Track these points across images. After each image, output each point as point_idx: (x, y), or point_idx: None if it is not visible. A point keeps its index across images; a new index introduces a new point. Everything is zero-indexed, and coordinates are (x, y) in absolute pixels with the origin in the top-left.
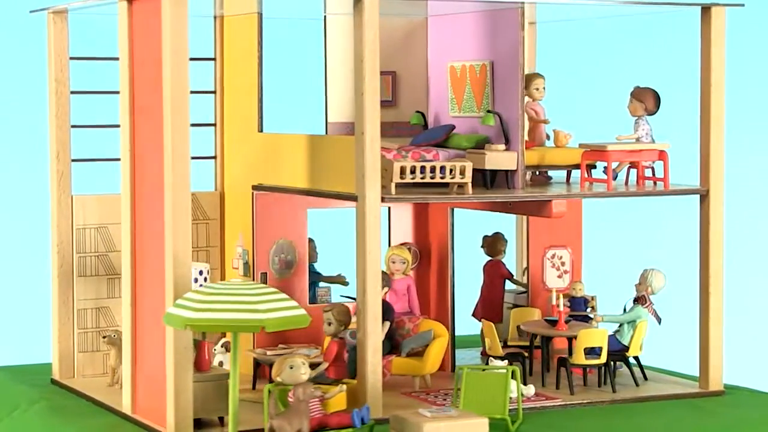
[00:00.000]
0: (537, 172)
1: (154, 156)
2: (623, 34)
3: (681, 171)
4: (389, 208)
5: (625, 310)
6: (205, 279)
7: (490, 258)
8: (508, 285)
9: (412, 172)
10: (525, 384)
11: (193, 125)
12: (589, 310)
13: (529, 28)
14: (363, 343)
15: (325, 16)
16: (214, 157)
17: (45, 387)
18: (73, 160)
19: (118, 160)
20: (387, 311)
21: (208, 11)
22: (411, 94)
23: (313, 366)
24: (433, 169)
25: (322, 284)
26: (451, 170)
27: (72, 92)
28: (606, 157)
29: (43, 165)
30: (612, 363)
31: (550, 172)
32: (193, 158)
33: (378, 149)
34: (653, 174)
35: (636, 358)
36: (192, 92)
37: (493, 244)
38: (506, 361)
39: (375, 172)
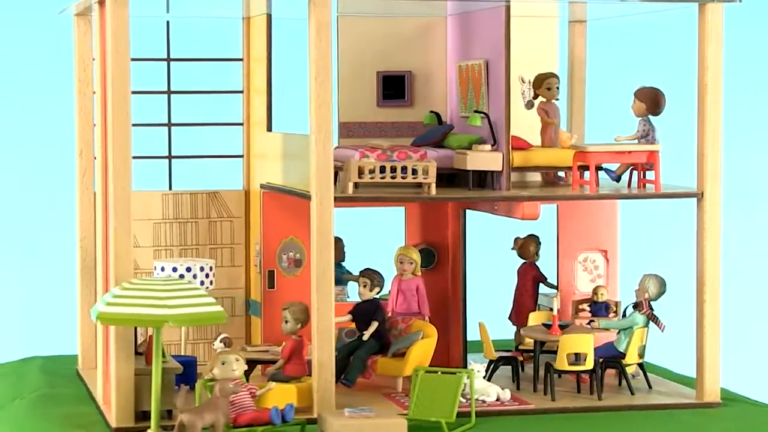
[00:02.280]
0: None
1: None
2: (624, 34)
3: (686, 173)
4: (405, 209)
5: (625, 315)
6: (207, 275)
7: (523, 261)
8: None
9: (372, 172)
10: (505, 387)
11: (221, 124)
12: (611, 315)
13: (578, 27)
14: (314, 342)
15: (338, 17)
16: (242, 156)
17: (63, 377)
18: (96, 158)
19: (136, 158)
20: (376, 311)
21: (236, 12)
22: (427, 94)
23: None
24: (394, 169)
25: (350, 283)
26: (413, 170)
27: (94, 92)
28: (587, 159)
29: (70, 162)
30: (621, 370)
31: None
32: (220, 157)
33: (330, 150)
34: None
35: (641, 365)
36: (220, 92)
37: (525, 246)
38: (485, 364)
39: (326, 172)
